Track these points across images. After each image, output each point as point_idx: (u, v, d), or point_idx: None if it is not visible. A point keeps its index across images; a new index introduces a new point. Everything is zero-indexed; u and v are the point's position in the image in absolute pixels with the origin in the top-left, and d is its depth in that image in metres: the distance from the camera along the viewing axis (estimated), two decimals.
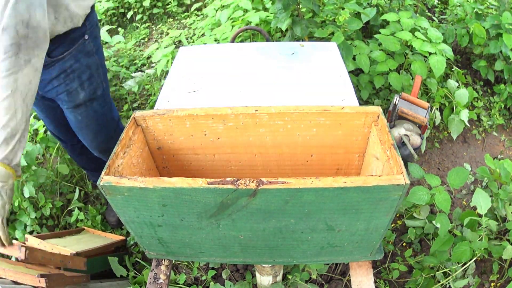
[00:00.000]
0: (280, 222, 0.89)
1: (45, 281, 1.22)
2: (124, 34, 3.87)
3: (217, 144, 1.12)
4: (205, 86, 1.42)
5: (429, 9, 3.43)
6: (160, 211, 0.88)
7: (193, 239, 0.98)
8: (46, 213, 2.05)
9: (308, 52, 1.59)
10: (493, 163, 1.80)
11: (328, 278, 1.77)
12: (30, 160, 1.94)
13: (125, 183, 0.82)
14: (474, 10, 2.75)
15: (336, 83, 1.39)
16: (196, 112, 1.05)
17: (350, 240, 0.95)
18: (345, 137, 1.09)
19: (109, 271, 1.67)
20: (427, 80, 2.40)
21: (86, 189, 2.32)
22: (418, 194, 1.54)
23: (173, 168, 1.20)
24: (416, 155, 1.73)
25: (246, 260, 1.08)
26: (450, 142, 2.54)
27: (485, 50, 2.62)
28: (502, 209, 1.72)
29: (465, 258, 1.51)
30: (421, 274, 1.67)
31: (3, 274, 1.29)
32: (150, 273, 1.12)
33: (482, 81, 2.85)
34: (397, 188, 0.79)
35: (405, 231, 1.97)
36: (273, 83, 1.42)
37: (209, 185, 0.79)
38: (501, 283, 1.74)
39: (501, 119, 2.63)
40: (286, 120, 1.05)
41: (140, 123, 1.08)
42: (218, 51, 1.66)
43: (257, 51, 1.62)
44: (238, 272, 1.79)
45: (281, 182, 0.78)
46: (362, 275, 1.08)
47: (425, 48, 2.07)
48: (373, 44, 2.31)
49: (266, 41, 1.93)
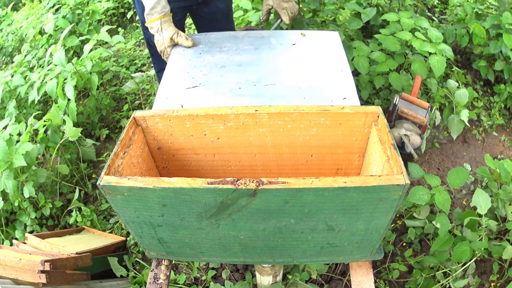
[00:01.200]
0: (280, 222, 0.89)
1: (45, 277, 1.22)
2: (124, 34, 3.87)
3: (217, 144, 1.12)
4: (204, 81, 1.40)
5: (429, 9, 3.43)
6: (160, 211, 0.88)
7: (193, 239, 0.98)
8: (46, 213, 2.05)
9: (310, 43, 1.56)
10: (493, 163, 1.80)
11: (328, 278, 1.77)
12: (30, 160, 1.94)
13: (125, 183, 0.82)
14: (474, 10, 2.75)
15: (338, 79, 1.37)
16: (196, 112, 1.05)
17: (350, 240, 0.95)
18: (345, 137, 1.08)
19: (109, 271, 1.67)
20: (427, 80, 2.40)
21: (86, 189, 2.32)
22: (418, 194, 1.54)
23: (173, 168, 1.19)
24: (416, 155, 1.73)
25: (246, 260, 1.08)
26: (450, 142, 2.54)
27: (485, 50, 2.62)
28: (502, 209, 1.72)
29: (465, 258, 1.51)
30: (421, 274, 1.67)
31: (4, 272, 1.29)
32: (150, 273, 1.12)
33: (482, 81, 2.84)
34: (397, 188, 0.79)
35: (405, 231, 1.97)
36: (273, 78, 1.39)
37: (209, 185, 0.79)
38: (501, 283, 1.74)
39: (501, 119, 2.63)
40: (286, 120, 1.05)
41: (140, 123, 1.07)
42: (218, 40, 1.61)
43: (257, 41, 1.58)
44: (238, 272, 1.79)
45: (281, 182, 0.78)
46: (362, 275, 1.08)
47: (425, 48, 2.07)
48: (373, 44, 2.30)
49: None
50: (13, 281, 1.30)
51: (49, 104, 2.96)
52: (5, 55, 3.71)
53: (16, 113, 2.45)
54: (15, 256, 1.36)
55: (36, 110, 2.71)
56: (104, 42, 3.36)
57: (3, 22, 4.03)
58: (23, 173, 1.98)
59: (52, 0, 3.45)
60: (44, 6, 3.59)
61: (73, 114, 2.23)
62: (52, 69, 2.39)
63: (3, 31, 3.81)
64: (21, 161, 1.79)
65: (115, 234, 2.03)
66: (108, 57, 3.21)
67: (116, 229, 2.10)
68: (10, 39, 3.69)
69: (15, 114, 2.42)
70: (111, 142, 2.66)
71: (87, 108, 2.72)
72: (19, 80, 2.48)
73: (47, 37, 3.06)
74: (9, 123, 2.17)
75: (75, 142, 2.34)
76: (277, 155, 1.15)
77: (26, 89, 2.48)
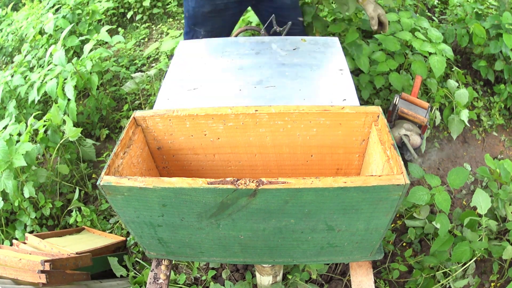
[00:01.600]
0: (280, 222, 0.89)
1: (45, 277, 1.22)
2: (124, 34, 3.87)
3: (217, 144, 1.12)
4: (205, 83, 1.41)
5: (429, 9, 3.43)
6: (160, 211, 0.88)
7: (193, 239, 0.98)
8: (46, 213, 2.05)
9: (310, 48, 1.58)
10: (493, 163, 1.80)
11: (328, 278, 1.77)
12: (30, 160, 1.94)
13: (125, 183, 0.82)
14: (474, 10, 2.75)
15: (337, 81, 1.38)
16: (196, 112, 1.05)
17: (350, 240, 0.95)
18: (345, 137, 1.09)
19: (109, 271, 1.67)
20: (427, 80, 2.40)
21: (86, 189, 2.32)
22: (418, 194, 1.54)
23: (173, 168, 1.19)
24: (416, 155, 1.73)
25: (246, 260, 1.08)
26: (450, 142, 2.54)
27: (485, 50, 2.62)
28: (502, 209, 1.72)
29: (465, 258, 1.51)
30: (421, 274, 1.67)
31: (4, 272, 1.29)
32: (150, 273, 1.12)
33: (482, 81, 2.84)
34: (397, 188, 0.79)
35: (405, 231, 1.97)
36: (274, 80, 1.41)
37: (209, 185, 0.79)
38: (501, 283, 1.74)
39: (501, 119, 2.63)
40: (286, 120, 1.05)
41: (140, 123, 1.07)
42: (219, 45, 1.64)
43: (258, 46, 1.60)
44: (238, 272, 1.79)
45: (281, 182, 0.78)
46: (362, 275, 1.08)
47: (425, 48, 2.07)
48: (373, 44, 2.30)
49: None
50: (13, 281, 1.30)
51: (49, 104, 2.96)
52: (5, 55, 3.71)
53: (16, 113, 2.45)
54: (15, 256, 1.36)
55: (36, 110, 2.71)
56: (104, 42, 3.35)
57: (3, 22, 4.03)
58: (23, 173, 1.98)
59: (52, 0, 3.45)
60: (44, 6, 3.59)
61: (73, 114, 2.23)
62: (52, 69, 2.39)
63: (3, 31, 3.82)
64: (21, 161, 1.79)
65: (115, 234, 2.03)
66: (108, 57, 3.21)
67: (116, 229, 2.10)
68: (10, 39, 3.69)
69: (15, 114, 2.42)
70: (111, 142, 2.66)
71: (87, 108, 2.72)
72: (19, 80, 2.48)
73: (47, 37, 3.06)
74: (9, 123, 2.17)
75: (75, 142, 2.34)
76: (277, 155, 1.15)
77: (26, 89, 2.48)
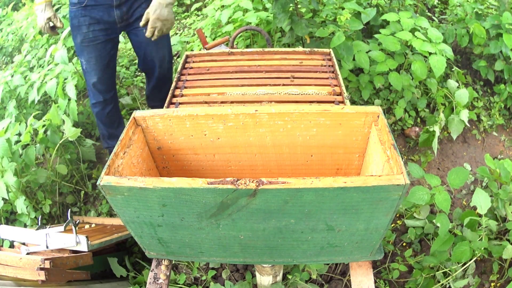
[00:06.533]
0: (280, 222, 0.89)
1: (44, 274, 1.22)
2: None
3: (217, 144, 1.12)
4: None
5: (429, 9, 3.43)
6: (160, 211, 0.88)
7: (193, 239, 0.98)
8: (46, 210, 2.05)
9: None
10: (493, 163, 1.80)
11: (328, 278, 1.77)
12: (30, 160, 1.94)
13: (125, 183, 0.82)
14: (474, 10, 2.74)
15: None
16: (196, 112, 1.05)
17: (350, 240, 0.95)
18: (345, 137, 1.09)
19: (110, 271, 1.67)
20: (427, 80, 2.40)
21: (86, 189, 2.32)
22: (418, 194, 1.54)
23: (173, 168, 1.20)
24: None
25: (246, 260, 1.08)
26: (450, 142, 2.54)
27: (485, 50, 2.62)
28: (502, 209, 1.72)
29: (465, 258, 1.51)
30: (421, 274, 1.67)
31: (4, 271, 1.29)
32: (150, 273, 1.12)
33: (482, 81, 2.84)
34: (397, 188, 0.79)
35: (405, 231, 1.97)
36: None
37: (209, 185, 0.79)
38: (501, 283, 1.74)
39: (501, 119, 2.63)
40: (286, 120, 1.05)
41: (140, 123, 1.07)
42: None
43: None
44: (238, 272, 1.79)
45: (281, 182, 0.78)
46: (362, 275, 1.08)
47: (425, 48, 2.07)
48: (373, 44, 2.30)
49: (266, 41, 1.93)
50: (13, 280, 1.30)
51: (49, 104, 2.96)
52: (5, 55, 3.71)
53: (16, 113, 2.45)
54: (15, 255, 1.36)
55: (36, 110, 2.71)
56: None
57: (3, 22, 4.03)
58: (23, 173, 1.98)
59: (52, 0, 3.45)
60: None
61: (74, 113, 2.23)
62: (52, 69, 2.39)
63: (3, 31, 3.81)
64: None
65: None
66: None
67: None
68: (10, 39, 3.69)
69: (15, 114, 2.42)
70: None
71: (87, 108, 2.72)
72: (19, 80, 2.48)
73: (47, 37, 3.06)
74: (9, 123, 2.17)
75: (75, 142, 2.34)
76: (277, 155, 1.15)
77: (26, 89, 2.48)
